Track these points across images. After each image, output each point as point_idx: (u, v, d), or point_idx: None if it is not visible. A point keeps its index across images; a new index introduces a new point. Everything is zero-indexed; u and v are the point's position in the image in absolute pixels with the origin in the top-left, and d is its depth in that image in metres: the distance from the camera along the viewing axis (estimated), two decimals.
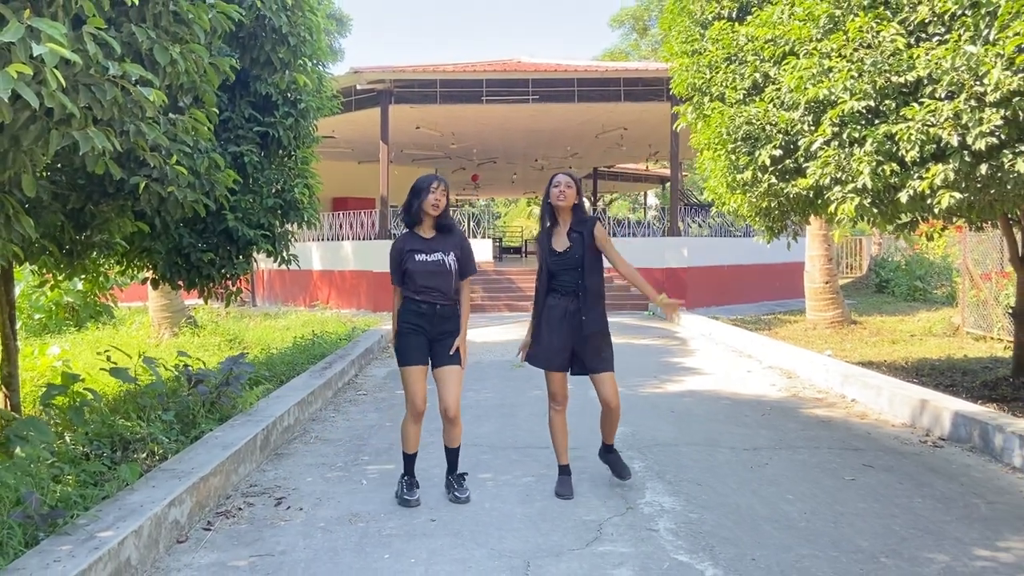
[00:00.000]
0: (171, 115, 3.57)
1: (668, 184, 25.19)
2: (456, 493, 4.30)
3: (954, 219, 7.50)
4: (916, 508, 4.06)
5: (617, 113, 17.79)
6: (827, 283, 12.93)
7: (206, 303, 7.07)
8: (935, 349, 10.12)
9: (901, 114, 5.19)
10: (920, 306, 16.54)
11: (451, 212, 4.47)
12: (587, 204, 35.76)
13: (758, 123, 6.22)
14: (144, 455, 4.54)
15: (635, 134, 20.30)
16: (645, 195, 44.30)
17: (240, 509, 4.13)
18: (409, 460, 4.31)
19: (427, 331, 4.26)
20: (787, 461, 4.95)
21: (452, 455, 4.40)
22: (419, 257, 4.24)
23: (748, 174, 6.47)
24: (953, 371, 8.26)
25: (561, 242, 4.35)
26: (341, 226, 18.98)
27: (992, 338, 10.80)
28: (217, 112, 4.69)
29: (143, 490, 3.73)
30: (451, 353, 4.25)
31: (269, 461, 5.05)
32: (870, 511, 4.01)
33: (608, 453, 4.65)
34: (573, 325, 4.29)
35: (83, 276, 6.19)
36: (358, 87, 16.48)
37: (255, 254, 6.81)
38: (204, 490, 4.02)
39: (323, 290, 18.59)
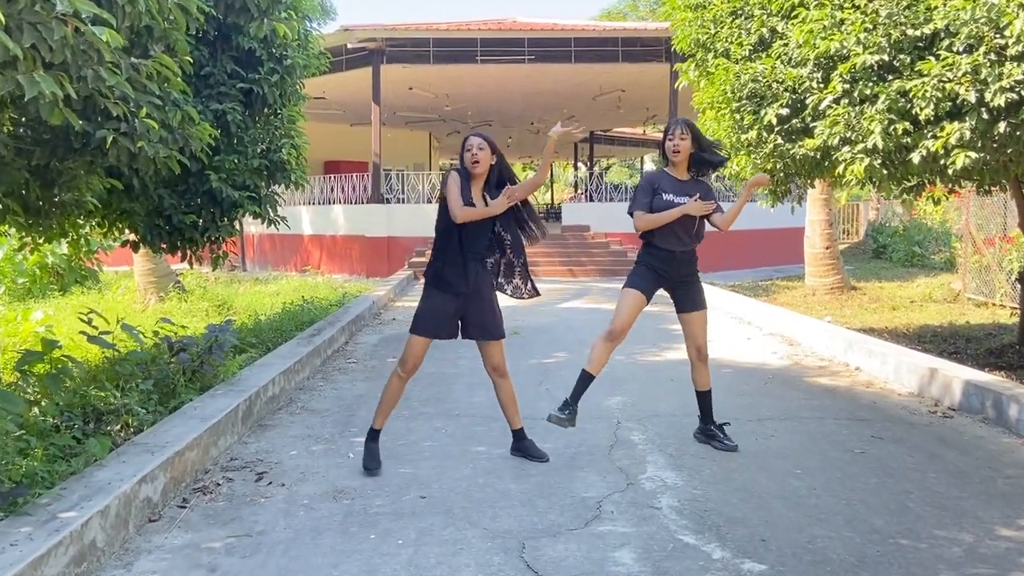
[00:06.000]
0: (134, 60, 3.26)
1: None
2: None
3: (963, 182, 7.24)
4: (930, 483, 3.86)
5: (615, 74, 17.39)
6: (827, 248, 12.72)
7: (191, 267, 6.81)
8: (936, 315, 9.93)
9: (916, 69, 4.94)
10: (918, 272, 16.35)
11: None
12: (583, 169, 35.31)
13: (764, 80, 5.93)
14: (118, 427, 4.31)
15: (633, 96, 19.91)
16: (642, 160, 43.86)
17: (218, 485, 3.90)
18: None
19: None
20: (793, 433, 4.75)
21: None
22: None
23: (753, 134, 6.20)
24: (956, 338, 8.07)
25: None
26: (332, 189, 18.62)
27: (994, 304, 10.61)
28: (191, 62, 4.39)
29: (113, 465, 3.50)
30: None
31: (252, 433, 4.83)
32: (882, 487, 3.81)
33: (521, 440, 4.32)
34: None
35: (64, 239, 5.93)
36: (348, 46, 16.03)
37: (241, 216, 6.54)
38: (179, 465, 3.80)
39: (314, 254, 18.30)
